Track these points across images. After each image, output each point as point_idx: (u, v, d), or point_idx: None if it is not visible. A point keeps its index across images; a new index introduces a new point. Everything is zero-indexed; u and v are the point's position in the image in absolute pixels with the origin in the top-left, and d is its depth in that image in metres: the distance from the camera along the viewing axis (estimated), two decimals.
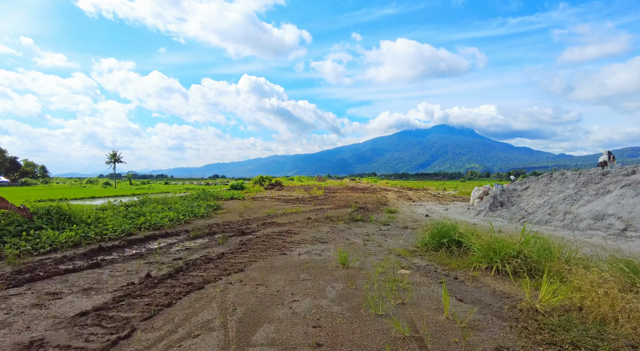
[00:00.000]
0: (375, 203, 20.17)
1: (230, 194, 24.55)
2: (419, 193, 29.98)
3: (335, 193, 32.40)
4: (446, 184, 70.60)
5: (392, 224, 11.78)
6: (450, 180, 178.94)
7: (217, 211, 15.66)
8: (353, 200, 22.54)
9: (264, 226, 11.30)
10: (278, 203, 20.58)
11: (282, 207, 18.05)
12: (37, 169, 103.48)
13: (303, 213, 14.89)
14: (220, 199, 22.71)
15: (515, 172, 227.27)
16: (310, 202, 21.87)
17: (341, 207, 18.23)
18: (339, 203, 20.14)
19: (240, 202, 20.84)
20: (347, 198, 24.94)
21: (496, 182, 30.87)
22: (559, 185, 11.84)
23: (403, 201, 22.17)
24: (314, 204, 19.68)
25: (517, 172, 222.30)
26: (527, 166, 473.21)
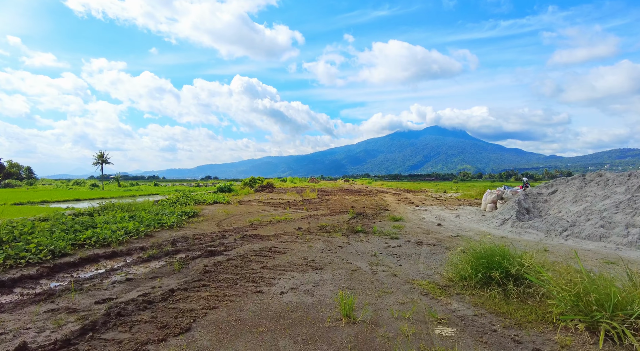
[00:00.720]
0: (374, 208, 18.05)
1: (214, 198, 22.24)
2: (419, 196, 27.97)
3: (330, 195, 30.24)
4: (441, 185, 68.68)
5: (402, 237, 9.63)
6: (443, 181, 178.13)
7: (193, 219, 13.37)
8: (349, 204, 20.38)
9: (242, 240, 9.05)
10: (266, 208, 18.35)
11: (269, 213, 15.82)
12: (23, 170, 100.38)
13: (293, 222, 12.67)
14: (201, 203, 20.40)
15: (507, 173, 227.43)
16: (302, 206, 19.68)
17: (337, 212, 16.05)
18: (334, 208, 17.98)
19: (223, 207, 18.56)
20: (343, 201, 22.78)
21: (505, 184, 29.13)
22: (600, 189, 9.83)
23: (404, 205, 20.09)
24: (307, 209, 17.49)
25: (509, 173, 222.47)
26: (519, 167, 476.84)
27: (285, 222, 12.71)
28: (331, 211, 16.65)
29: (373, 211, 16.69)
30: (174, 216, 12.60)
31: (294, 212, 16.12)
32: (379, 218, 13.72)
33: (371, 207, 18.64)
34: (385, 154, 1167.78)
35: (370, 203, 21.10)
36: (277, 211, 16.73)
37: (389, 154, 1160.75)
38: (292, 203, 21.73)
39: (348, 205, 20.28)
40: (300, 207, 18.74)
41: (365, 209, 17.80)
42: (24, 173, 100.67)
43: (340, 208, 18.28)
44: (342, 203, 21.23)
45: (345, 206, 19.48)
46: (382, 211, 16.76)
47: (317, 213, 15.59)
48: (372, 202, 22.01)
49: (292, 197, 28.74)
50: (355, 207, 19.08)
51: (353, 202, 22.18)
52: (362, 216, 14.40)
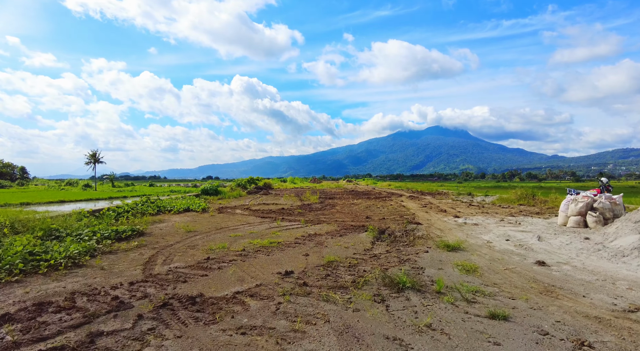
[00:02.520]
0: (399, 220, 13.02)
1: (187, 204, 17.19)
2: (444, 201, 22.89)
3: (334, 199, 25.20)
4: (446, 185, 63.28)
5: (501, 303, 4.61)
6: (446, 181, 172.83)
7: (124, 243, 8.38)
8: (362, 213, 15.35)
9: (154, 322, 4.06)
10: (250, 220, 13.33)
11: (251, 229, 10.77)
12: (17, 170, 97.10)
13: (281, 251, 7.64)
14: (166, 212, 15.39)
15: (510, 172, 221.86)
16: (299, 215, 14.65)
17: (348, 228, 11.00)
18: (343, 220, 12.94)
19: (191, 218, 13.56)
20: (352, 208, 17.74)
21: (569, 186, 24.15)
22: None
23: (437, 215, 15.03)
24: (305, 222, 12.46)
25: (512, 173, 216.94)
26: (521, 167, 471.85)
27: (268, 250, 7.68)
28: (340, 226, 11.59)
29: (400, 225, 11.66)
30: (82, 244, 7.57)
31: (286, 228, 11.08)
32: (418, 242, 8.68)
33: (394, 218, 13.60)
34: (387, 154, 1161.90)
35: (389, 212, 16.05)
36: (263, 225, 11.69)
37: (390, 154, 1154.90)
38: (287, 211, 16.69)
39: (360, 214, 15.24)
40: (297, 217, 13.71)
41: (387, 221, 12.77)
42: (17, 173, 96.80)
43: (351, 220, 13.25)
44: (353, 212, 16.19)
45: (358, 216, 14.44)
46: (412, 225, 11.71)
47: (319, 230, 10.53)
48: (391, 210, 16.96)
49: (289, 201, 23.71)
50: (371, 217, 14.05)
51: (366, 209, 17.13)
52: (390, 237, 9.35)
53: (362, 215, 14.98)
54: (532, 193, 20.21)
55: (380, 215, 14.95)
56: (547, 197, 19.84)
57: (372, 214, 15.16)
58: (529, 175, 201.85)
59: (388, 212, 15.95)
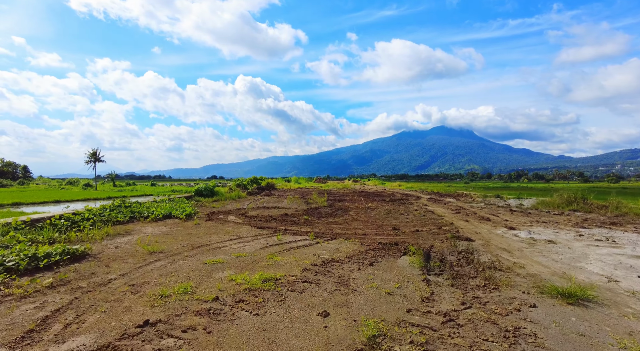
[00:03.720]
0: (438, 234, 9.85)
1: (169, 209, 14.08)
2: (475, 204, 19.65)
3: (344, 201, 22.04)
4: (454, 185, 59.32)
5: None
6: (452, 181, 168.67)
7: (21, 281, 5.31)
8: (385, 222, 12.17)
9: None
10: (244, 230, 10.20)
11: (239, 249, 7.62)
12: (19, 169, 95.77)
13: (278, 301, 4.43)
14: (141, 219, 12.30)
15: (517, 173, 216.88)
16: (306, 224, 11.50)
17: (377, 248, 7.81)
18: (365, 233, 9.78)
19: (167, 230, 10.46)
20: (371, 214, 14.56)
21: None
22: None
23: (480, 224, 11.83)
24: (315, 235, 9.31)
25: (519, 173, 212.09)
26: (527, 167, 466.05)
27: (257, 300, 4.53)
28: (364, 242, 8.42)
29: (444, 242, 8.51)
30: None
31: (289, 247, 7.93)
32: (497, 279, 5.46)
33: (430, 230, 10.41)
34: (392, 154, 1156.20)
35: (418, 220, 12.85)
36: (258, 242, 8.54)
37: (395, 154, 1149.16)
38: (291, 217, 13.53)
39: (383, 222, 12.06)
40: (304, 228, 10.59)
41: (423, 234, 9.60)
42: (20, 172, 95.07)
43: (374, 231, 10.08)
44: (372, 219, 13.00)
45: (382, 226, 11.26)
46: (462, 242, 8.53)
47: (337, 252, 7.38)
48: (419, 216, 13.74)
49: (293, 204, 20.59)
50: (399, 228, 10.86)
51: (387, 216, 13.95)
52: (444, 266, 6.20)
53: (386, 224, 11.79)
54: (582, 197, 16.91)
55: (410, 224, 11.76)
56: (601, 201, 16.57)
57: (398, 223, 11.96)
58: (535, 176, 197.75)
59: (418, 220, 12.75)
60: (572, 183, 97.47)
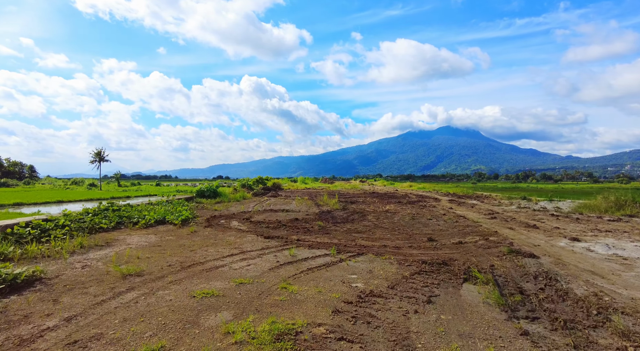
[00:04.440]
0: (486, 246, 7.93)
1: (164, 213, 12.25)
2: (507, 208, 17.66)
3: (357, 203, 20.14)
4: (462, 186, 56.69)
5: None
6: (459, 181, 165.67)
7: None
8: (414, 230, 10.24)
9: None
10: (248, 241, 8.35)
11: (240, 269, 5.72)
12: (26, 169, 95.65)
13: None
14: (129, 225, 10.51)
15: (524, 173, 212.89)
16: (322, 232, 9.60)
17: (422, 269, 5.91)
18: (397, 245, 7.84)
19: (156, 240, 8.63)
20: (393, 220, 12.63)
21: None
22: None
23: (529, 232, 9.87)
24: (337, 249, 7.38)
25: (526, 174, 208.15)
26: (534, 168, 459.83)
27: None
28: (399, 258, 6.50)
29: (504, 259, 6.61)
30: None
31: (307, 267, 6.04)
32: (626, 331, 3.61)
33: (475, 242, 8.48)
34: (397, 154, 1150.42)
35: (453, 227, 10.88)
36: (266, 258, 6.68)
37: (400, 154, 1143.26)
38: (303, 223, 11.65)
39: (410, 228, 10.14)
40: (321, 238, 8.69)
41: (468, 247, 7.68)
42: (26, 172, 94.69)
43: (408, 243, 8.18)
44: (398, 226, 11.08)
45: (413, 236, 9.35)
46: (526, 260, 6.62)
47: (371, 277, 5.46)
48: (451, 222, 11.78)
49: (303, 206, 18.73)
50: (435, 237, 8.95)
51: (414, 222, 12.02)
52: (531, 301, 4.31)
53: (417, 233, 9.86)
54: (633, 199, 14.86)
55: (446, 233, 9.82)
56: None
57: (431, 232, 10.03)
58: (543, 176, 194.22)
59: (453, 228, 10.80)
60: (581, 184, 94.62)
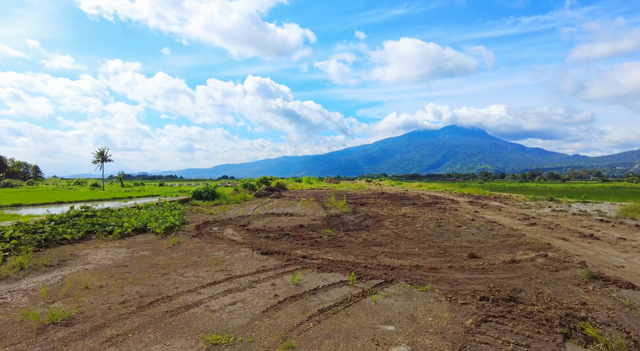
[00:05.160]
0: (547, 264, 6.08)
1: (146, 218, 10.44)
2: (531, 210, 15.70)
3: (368, 205, 18.26)
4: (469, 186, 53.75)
5: None
6: (465, 181, 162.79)
7: None
8: (445, 240, 8.30)
9: None
10: (240, 258, 6.51)
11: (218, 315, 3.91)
12: (30, 170, 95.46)
13: None
14: (101, 234, 8.73)
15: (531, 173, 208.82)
16: (333, 244, 7.68)
17: (477, 303, 4.06)
18: (428, 262, 5.93)
19: (125, 257, 6.83)
20: (415, 226, 10.72)
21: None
22: None
23: (587, 244, 7.95)
24: (356, 273, 5.50)
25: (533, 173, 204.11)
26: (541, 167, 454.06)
27: None
28: (444, 289, 4.63)
29: (592, 292, 4.74)
30: None
31: (317, 306, 4.22)
32: None
33: (533, 258, 6.58)
34: (402, 154, 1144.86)
35: (491, 237, 8.96)
36: (259, 290, 4.84)
37: (405, 154, 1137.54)
38: (309, 231, 9.80)
39: (438, 238, 8.23)
40: (333, 254, 6.81)
41: (530, 268, 5.73)
42: (31, 172, 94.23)
43: (447, 264, 6.28)
44: (421, 234, 9.18)
45: (444, 248, 7.44)
46: (625, 292, 4.76)
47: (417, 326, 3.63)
48: (486, 232, 9.90)
49: (308, 209, 16.90)
50: (476, 253, 7.06)
51: (439, 230, 10.12)
52: None
53: (450, 245, 7.97)
54: None
55: (486, 245, 7.91)
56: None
57: (468, 244, 8.13)
58: (550, 176, 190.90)
59: (491, 238, 8.86)
60: (590, 183, 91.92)
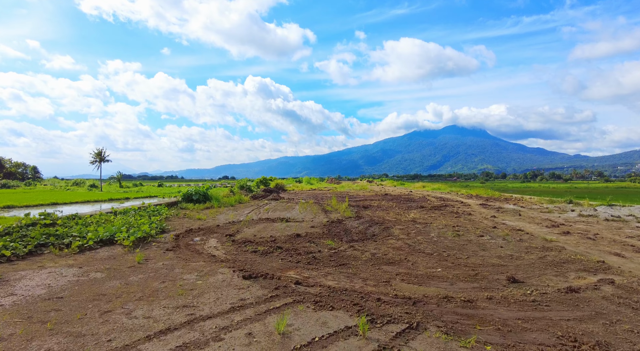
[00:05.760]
0: (619, 296, 4.59)
1: (117, 227, 8.95)
2: (553, 214, 14.18)
3: (372, 208, 16.73)
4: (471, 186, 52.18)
5: None
6: (467, 181, 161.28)
7: None
8: (471, 256, 6.79)
9: None
10: (213, 287, 4.97)
11: None
12: (29, 170, 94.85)
13: None
14: (55, 249, 7.24)
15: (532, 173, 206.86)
16: (334, 263, 6.08)
17: None
18: (459, 290, 4.38)
19: (69, 281, 5.33)
20: (429, 236, 9.18)
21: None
22: None
23: None
24: (364, 309, 4.06)
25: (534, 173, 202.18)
26: (542, 167, 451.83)
27: None
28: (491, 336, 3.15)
29: None
30: None
31: None
32: None
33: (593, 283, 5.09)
34: (403, 154, 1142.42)
35: (525, 251, 7.39)
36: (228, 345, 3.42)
37: (406, 154, 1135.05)
38: (306, 243, 8.27)
39: (460, 253, 6.69)
40: (334, 277, 5.27)
41: (593, 297, 4.30)
42: (29, 172, 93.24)
43: (484, 292, 4.71)
44: (439, 246, 7.62)
45: (467, 263, 5.91)
46: None
47: None
48: (516, 243, 8.35)
49: (307, 212, 15.39)
50: (516, 275, 5.54)
51: (459, 240, 8.60)
52: None
53: (479, 263, 6.44)
54: None
55: (522, 263, 6.39)
56: None
57: (499, 260, 6.61)
58: (552, 175, 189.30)
59: (526, 252, 7.34)
60: (592, 183, 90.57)
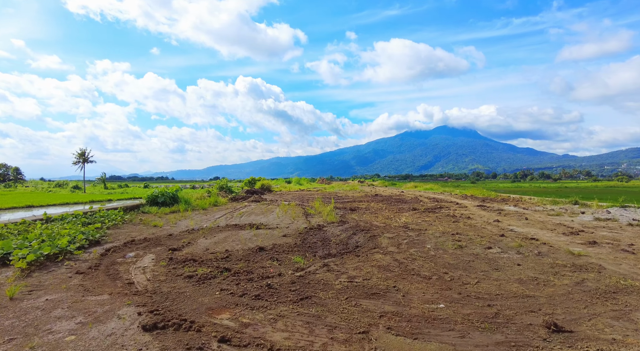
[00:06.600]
0: None
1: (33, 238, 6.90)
2: (561, 217, 12.50)
3: (360, 211, 14.87)
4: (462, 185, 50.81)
5: None
6: (457, 181, 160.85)
7: None
8: (480, 280, 4.94)
9: None
10: None
11: None
12: (11, 171, 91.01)
13: None
14: None
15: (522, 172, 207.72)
16: (292, 299, 3.97)
17: None
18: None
19: None
20: (423, 249, 7.33)
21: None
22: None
23: None
24: None
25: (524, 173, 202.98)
26: (532, 167, 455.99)
27: None
28: None
29: None
30: None
31: None
32: None
33: None
34: (395, 154, 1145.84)
35: (539, 264, 5.64)
36: None
37: (398, 154, 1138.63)
38: (265, 260, 6.33)
39: (466, 273, 4.85)
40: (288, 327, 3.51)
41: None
42: (11, 174, 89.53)
43: None
44: (438, 265, 5.74)
45: (478, 293, 4.08)
46: None
47: None
48: (534, 259, 6.56)
49: (286, 216, 13.45)
50: (547, 311, 3.77)
51: (462, 255, 6.76)
52: None
53: (495, 293, 4.58)
54: None
55: (553, 291, 4.59)
56: None
57: (523, 288, 4.77)
58: (542, 175, 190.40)
59: (553, 273, 5.53)
60: (581, 183, 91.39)
